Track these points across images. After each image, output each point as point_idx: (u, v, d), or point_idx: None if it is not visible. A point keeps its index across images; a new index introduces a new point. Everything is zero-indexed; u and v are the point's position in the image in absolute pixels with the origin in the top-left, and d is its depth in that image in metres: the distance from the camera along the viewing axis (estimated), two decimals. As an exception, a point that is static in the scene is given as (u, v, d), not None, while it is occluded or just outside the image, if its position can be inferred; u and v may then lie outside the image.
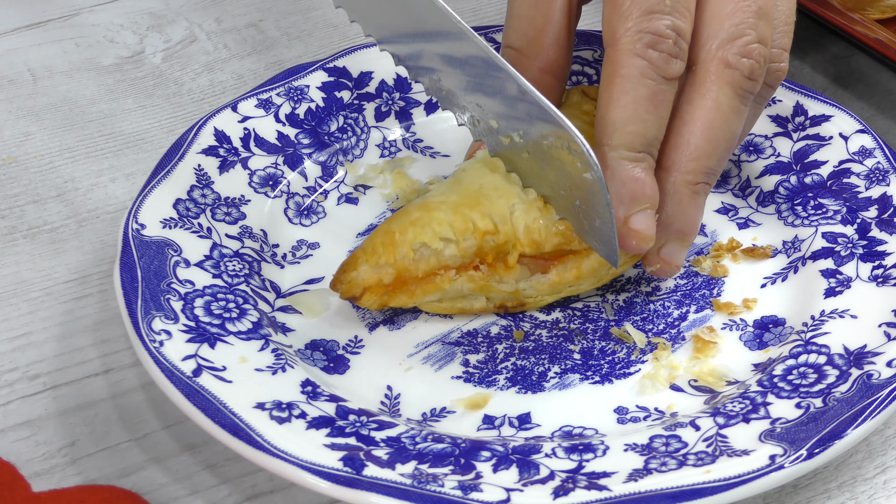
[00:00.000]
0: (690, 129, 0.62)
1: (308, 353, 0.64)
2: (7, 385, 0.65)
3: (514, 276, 0.65)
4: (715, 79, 0.62)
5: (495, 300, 0.66)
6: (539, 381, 0.63)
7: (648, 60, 0.61)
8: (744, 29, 0.62)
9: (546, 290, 0.65)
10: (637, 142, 0.61)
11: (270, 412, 0.58)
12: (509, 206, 0.64)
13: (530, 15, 0.67)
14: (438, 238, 0.63)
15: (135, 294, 0.62)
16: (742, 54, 0.62)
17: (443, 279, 0.64)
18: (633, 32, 0.61)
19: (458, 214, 0.64)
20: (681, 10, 0.61)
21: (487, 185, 0.65)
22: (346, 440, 0.57)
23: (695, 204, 0.63)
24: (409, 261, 0.64)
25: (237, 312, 0.64)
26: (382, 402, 0.62)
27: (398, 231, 0.64)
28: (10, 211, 0.76)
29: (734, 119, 0.62)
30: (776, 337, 0.64)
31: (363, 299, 0.64)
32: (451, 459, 0.57)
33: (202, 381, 0.59)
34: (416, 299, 0.65)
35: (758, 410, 0.59)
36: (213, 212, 0.69)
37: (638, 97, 0.61)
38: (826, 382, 0.60)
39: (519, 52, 0.67)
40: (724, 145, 0.63)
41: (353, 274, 0.64)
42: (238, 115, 0.74)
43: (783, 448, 0.56)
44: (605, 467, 0.56)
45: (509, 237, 0.64)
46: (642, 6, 0.61)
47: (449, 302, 0.66)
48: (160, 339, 0.60)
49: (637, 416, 0.61)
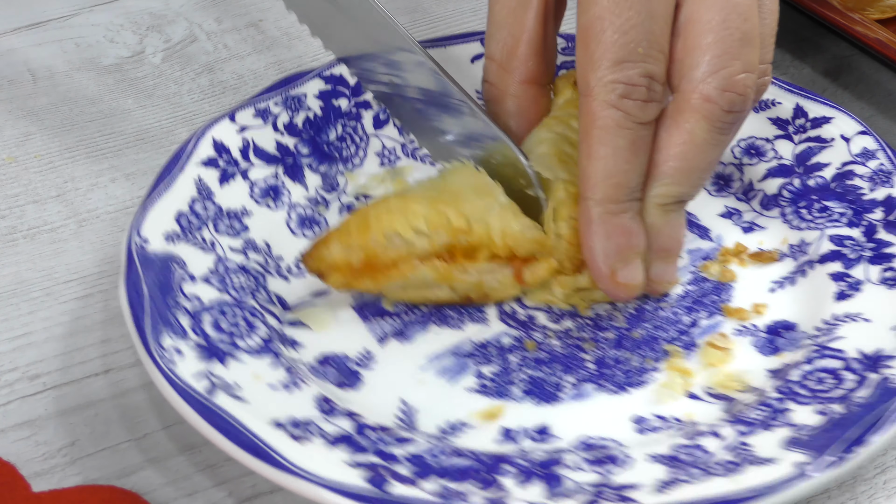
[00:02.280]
0: (663, 157, 0.61)
1: (319, 367, 0.63)
2: (7, 385, 0.65)
3: (478, 267, 0.65)
4: (692, 111, 0.60)
5: (459, 291, 0.66)
6: (555, 391, 0.63)
7: (623, 111, 0.59)
8: (727, 60, 0.60)
9: (510, 284, 0.66)
10: (620, 193, 0.61)
11: (288, 430, 0.57)
12: (486, 208, 0.64)
13: (508, 22, 0.67)
14: (412, 229, 0.64)
15: (142, 311, 0.61)
16: (724, 88, 0.60)
17: (406, 266, 0.64)
18: (606, 83, 0.59)
19: (435, 209, 0.64)
20: (653, 55, 0.60)
21: (470, 185, 0.65)
22: (368, 457, 0.57)
23: (669, 222, 0.63)
24: (380, 246, 0.64)
25: (246, 328, 0.63)
26: (398, 417, 0.61)
27: (374, 216, 0.64)
28: (10, 211, 0.76)
29: (709, 151, 0.61)
30: (789, 342, 0.64)
31: (330, 278, 0.65)
32: (474, 474, 0.56)
33: (217, 399, 0.58)
34: (380, 285, 0.65)
35: (778, 417, 0.59)
36: (216, 224, 0.68)
37: (616, 148, 0.60)
38: (845, 388, 0.60)
39: (500, 66, 0.67)
40: (696, 174, 0.62)
41: (325, 251, 0.64)
42: (236, 125, 0.73)
43: (808, 455, 0.56)
44: (631, 479, 0.56)
45: (482, 238, 0.64)
46: (613, 56, 0.59)
47: (413, 290, 0.66)
48: (171, 357, 0.59)
49: (656, 425, 0.61)
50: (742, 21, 0.60)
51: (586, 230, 0.62)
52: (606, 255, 0.62)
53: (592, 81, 0.60)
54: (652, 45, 0.59)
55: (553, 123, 0.67)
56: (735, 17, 0.60)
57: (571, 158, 0.65)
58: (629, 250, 0.62)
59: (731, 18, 0.60)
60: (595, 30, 0.59)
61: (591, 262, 0.63)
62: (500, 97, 0.68)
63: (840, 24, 0.77)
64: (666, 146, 0.61)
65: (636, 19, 0.59)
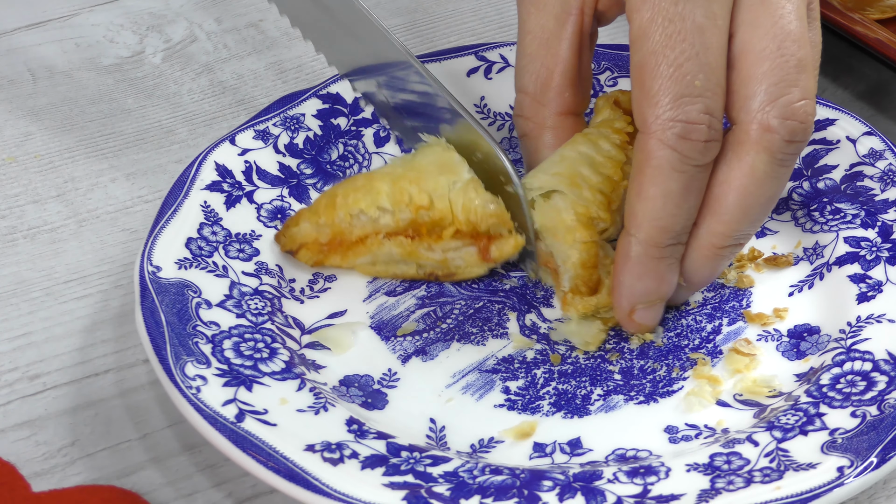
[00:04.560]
0: (724, 192, 0.60)
1: (344, 389, 0.62)
2: (7, 385, 0.65)
3: (443, 246, 0.66)
4: (753, 143, 0.58)
5: (425, 267, 0.67)
6: (584, 404, 0.62)
7: (680, 152, 0.58)
8: (784, 88, 0.58)
9: (475, 262, 0.67)
10: (664, 237, 0.60)
11: (322, 454, 0.56)
12: (449, 184, 0.65)
13: (541, 54, 0.66)
14: (376, 206, 0.66)
15: (162, 340, 0.60)
16: (784, 116, 0.58)
17: (372, 242, 0.66)
18: (664, 122, 0.57)
19: (398, 186, 0.66)
20: (711, 89, 0.58)
21: (434, 161, 0.67)
22: (404, 478, 0.56)
23: (714, 266, 0.62)
24: (346, 224, 0.66)
25: (267, 352, 0.62)
26: (428, 437, 0.60)
27: (341, 195, 0.67)
28: (10, 211, 0.76)
29: (770, 185, 0.60)
30: (813, 345, 0.64)
31: (300, 254, 0.67)
32: (514, 491, 0.56)
33: (247, 426, 0.57)
34: (348, 261, 0.67)
35: (813, 422, 0.58)
36: (227, 249, 0.67)
37: (667, 191, 0.59)
38: (877, 389, 0.60)
39: (533, 99, 0.66)
40: (757, 210, 0.60)
41: (295, 229, 0.67)
42: (237, 148, 0.72)
43: (849, 459, 0.56)
44: (672, 489, 0.56)
45: (444, 214, 0.66)
46: (671, 91, 0.57)
47: (381, 265, 0.68)
48: (196, 385, 0.58)
49: (688, 434, 0.60)
50: (797, 48, 0.58)
51: (622, 263, 0.61)
52: (632, 293, 0.62)
53: (650, 118, 0.58)
54: (709, 77, 0.58)
55: (581, 141, 0.66)
56: (790, 44, 0.58)
57: (585, 181, 0.64)
58: (655, 295, 0.62)
59: (787, 45, 0.58)
60: (650, 65, 0.58)
61: (616, 293, 0.62)
62: (536, 131, 0.67)
63: (840, 24, 0.77)
64: (725, 180, 0.59)
65: (690, 51, 0.57)
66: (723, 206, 0.60)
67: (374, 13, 0.69)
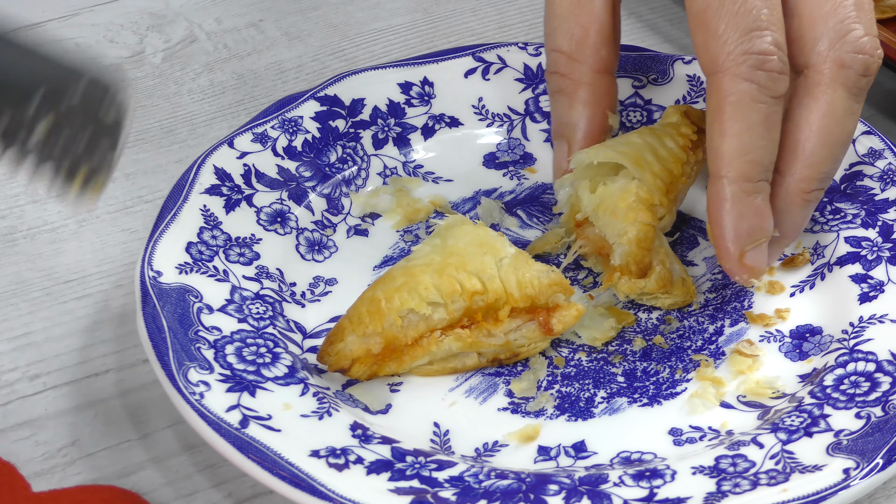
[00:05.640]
0: (805, 135, 0.61)
1: (347, 394, 0.62)
2: (7, 385, 0.65)
3: (503, 328, 0.62)
4: (830, 81, 0.61)
5: (487, 354, 0.63)
6: (587, 406, 0.62)
7: (757, 83, 0.59)
8: (849, 24, 0.60)
9: (538, 338, 0.63)
10: (755, 171, 0.60)
11: (327, 459, 0.56)
12: (496, 262, 0.62)
13: (574, 14, 0.67)
14: (426, 303, 0.61)
15: (164, 345, 0.60)
16: (855, 51, 0.60)
17: (429, 341, 0.62)
18: (737, 55, 0.59)
19: (444, 276, 0.61)
20: (776, 24, 0.60)
21: (471, 242, 0.63)
22: (410, 483, 0.56)
23: (804, 212, 0.63)
24: (398, 328, 0.61)
25: (270, 357, 0.62)
26: (432, 441, 0.60)
27: (384, 298, 0.61)
28: (10, 211, 0.75)
29: (849, 120, 0.62)
30: (816, 346, 0.64)
31: (352, 370, 0.62)
32: (520, 496, 0.55)
33: (251, 432, 0.57)
34: (405, 366, 0.62)
35: (818, 423, 0.58)
36: (227, 253, 0.67)
37: (751, 123, 0.60)
38: (881, 390, 0.60)
39: (569, 57, 0.67)
40: (839, 148, 0.62)
41: (341, 345, 0.61)
42: (236, 151, 0.71)
43: (855, 461, 0.56)
44: (678, 493, 0.55)
45: (499, 295, 0.62)
46: (740, 26, 0.59)
47: (440, 363, 0.63)
48: (200, 391, 0.58)
49: (693, 436, 0.60)
50: None
51: (719, 209, 0.61)
52: (738, 235, 0.61)
53: (721, 57, 0.59)
54: (773, 11, 0.59)
55: (647, 132, 0.67)
56: None
57: (649, 166, 0.65)
58: (760, 233, 0.62)
59: None
60: (713, 8, 0.59)
61: (721, 241, 0.62)
62: (572, 87, 0.68)
63: (839, 24, 0.77)
64: (806, 123, 0.61)
65: None
66: (806, 148, 0.61)
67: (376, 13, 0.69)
